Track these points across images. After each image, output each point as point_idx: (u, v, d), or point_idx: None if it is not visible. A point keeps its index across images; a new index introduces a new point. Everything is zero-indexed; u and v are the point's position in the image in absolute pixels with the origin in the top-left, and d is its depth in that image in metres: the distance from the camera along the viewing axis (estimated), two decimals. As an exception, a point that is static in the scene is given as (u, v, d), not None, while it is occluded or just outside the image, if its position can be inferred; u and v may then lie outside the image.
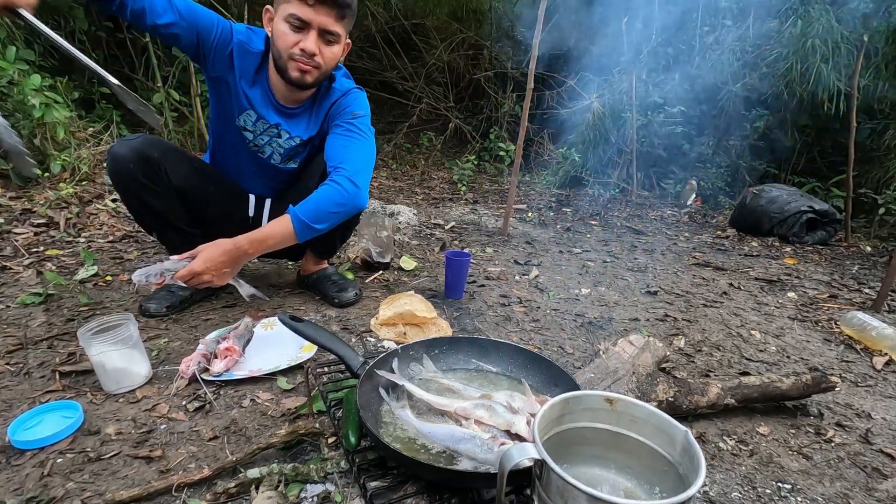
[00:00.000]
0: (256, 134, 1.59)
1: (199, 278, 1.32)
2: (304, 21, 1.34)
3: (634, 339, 1.35)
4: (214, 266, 1.33)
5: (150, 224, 1.60)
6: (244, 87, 1.51)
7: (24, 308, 1.60)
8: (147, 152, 1.44)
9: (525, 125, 2.78)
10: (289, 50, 1.37)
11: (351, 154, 1.50)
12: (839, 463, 1.16)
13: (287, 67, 1.41)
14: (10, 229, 2.20)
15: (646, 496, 0.80)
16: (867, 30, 3.51)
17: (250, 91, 1.52)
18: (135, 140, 1.46)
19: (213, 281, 1.35)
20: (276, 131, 1.59)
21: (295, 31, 1.35)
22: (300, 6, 1.32)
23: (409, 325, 1.56)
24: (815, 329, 1.93)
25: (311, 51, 1.37)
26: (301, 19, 1.33)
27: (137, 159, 1.43)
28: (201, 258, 1.32)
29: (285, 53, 1.38)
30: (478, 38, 5.57)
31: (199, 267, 1.31)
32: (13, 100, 2.49)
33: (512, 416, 0.95)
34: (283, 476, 0.94)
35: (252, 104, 1.53)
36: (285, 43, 1.37)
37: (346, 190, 1.43)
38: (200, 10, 1.42)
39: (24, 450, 1.01)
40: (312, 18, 1.34)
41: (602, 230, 3.31)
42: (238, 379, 1.28)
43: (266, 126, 1.57)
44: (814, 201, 3.35)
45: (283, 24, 1.35)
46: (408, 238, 2.72)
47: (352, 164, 1.47)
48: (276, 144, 1.62)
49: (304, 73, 1.41)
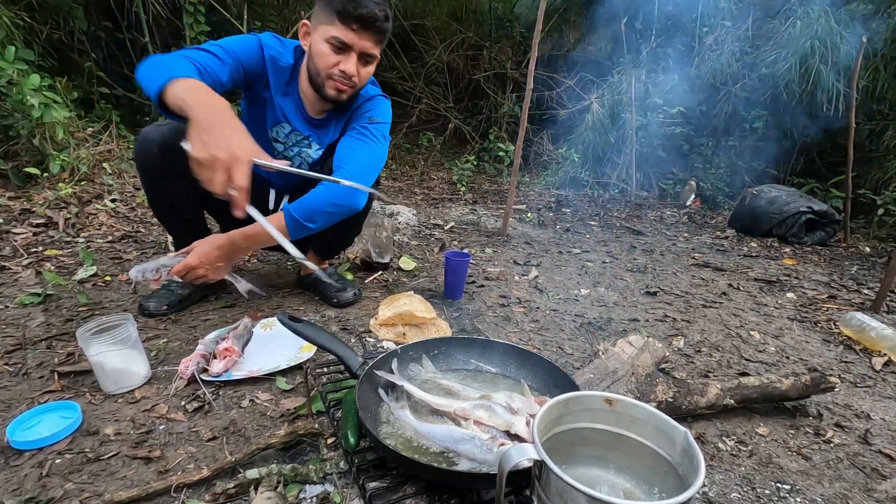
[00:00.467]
0: (287, 146, 1.62)
1: (193, 273, 1.35)
2: (346, 44, 1.37)
3: (634, 340, 1.35)
4: (208, 260, 1.36)
5: (163, 212, 1.59)
6: (279, 101, 1.54)
7: (23, 308, 1.60)
8: (173, 138, 1.44)
9: (524, 125, 2.78)
10: (328, 70, 1.40)
11: (357, 155, 1.51)
12: (838, 463, 1.16)
13: (324, 85, 1.44)
14: (8, 229, 2.20)
15: (645, 497, 0.80)
16: (866, 31, 3.51)
17: (284, 103, 1.55)
18: (165, 126, 1.47)
19: (208, 275, 1.37)
20: (306, 143, 1.62)
21: (336, 53, 1.38)
22: (344, 31, 1.34)
23: (408, 326, 1.56)
24: (814, 330, 1.93)
25: (350, 73, 1.41)
26: (344, 43, 1.36)
27: (162, 143, 1.44)
28: (195, 253, 1.35)
29: (324, 73, 1.41)
30: (477, 38, 5.58)
31: (194, 261, 1.33)
32: (12, 100, 2.49)
33: (511, 416, 0.94)
34: (283, 477, 0.94)
35: (287, 117, 1.56)
36: (325, 63, 1.40)
37: (342, 190, 1.43)
38: (237, 47, 1.43)
39: (22, 450, 1.01)
40: (355, 42, 1.37)
41: (601, 231, 3.31)
42: (237, 379, 1.28)
43: (298, 138, 1.61)
44: (813, 202, 3.36)
45: (324, 45, 1.37)
46: (407, 238, 2.72)
47: (355, 165, 1.48)
48: (304, 155, 1.65)
49: (341, 91, 1.45)
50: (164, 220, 1.64)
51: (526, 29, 5.46)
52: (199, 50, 1.34)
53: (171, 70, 1.17)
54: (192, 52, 1.33)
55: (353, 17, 1.32)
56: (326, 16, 1.35)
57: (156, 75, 1.17)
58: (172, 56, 1.27)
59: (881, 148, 3.81)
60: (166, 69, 1.18)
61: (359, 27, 1.34)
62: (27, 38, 2.92)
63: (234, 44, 1.42)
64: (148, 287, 1.69)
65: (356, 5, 1.31)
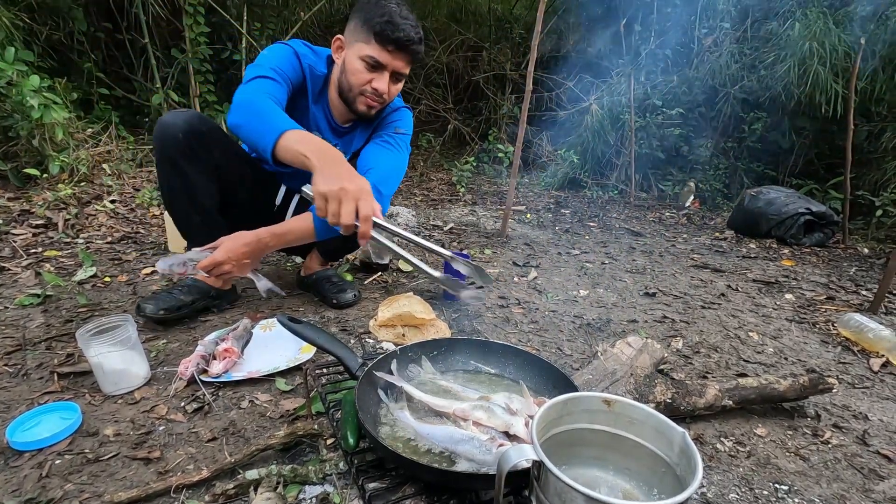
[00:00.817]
0: None
1: (220, 268, 1.35)
2: (380, 63, 1.40)
3: (632, 341, 1.35)
4: (235, 256, 1.36)
5: (181, 204, 1.57)
6: (313, 109, 1.56)
7: (23, 309, 1.60)
8: (196, 124, 1.47)
9: (524, 127, 2.78)
10: (361, 87, 1.44)
11: (381, 162, 1.56)
12: (836, 464, 1.16)
13: (356, 101, 1.47)
14: (8, 230, 2.20)
15: (643, 497, 0.80)
16: (865, 32, 3.53)
17: (317, 112, 1.58)
18: (184, 113, 1.48)
19: (234, 271, 1.38)
20: None
21: (369, 71, 1.41)
22: (380, 51, 1.37)
23: (407, 327, 1.56)
24: (812, 331, 1.94)
25: (382, 91, 1.44)
26: (379, 62, 1.39)
27: (187, 129, 1.44)
28: (223, 249, 1.35)
29: (357, 89, 1.45)
30: (477, 39, 5.59)
31: (221, 257, 1.34)
32: (12, 100, 2.49)
33: (510, 417, 0.95)
34: (282, 477, 0.94)
35: (318, 126, 1.59)
36: (359, 80, 1.43)
37: None
38: (282, 64, 1.44)
39: (22, 451, 1.01)
40: (389, 62, 1.40)
41: (600, 232, 3.32)
42: (237, 380, 1.28)
43: None
44: (811, 203, 3.36)
45: (358, 62, 1.40)
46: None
47: (380, 171, 1.53)
48: None
49: (371, 108, 1.49)
50: (179, 213, 1.60)
51: (525, 30, 5.47)
52: (263, 78, 1.37)
53: (269, 120, 1.23)
54: (263, 85, 1.35)
55: (390, 39, 1.35)
56: (363, 34, 1.38)
57: (260, 130, 1.22)
58: (257, 97, 1.30)
59: (879, 149, 3.82)
60: (266, 120, 1.22)
61: (394, 48, 1.38)
62: (27, 38, 2.92)
63: (278, 62, 1.43)
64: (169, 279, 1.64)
65: (394, 28, 1.34)
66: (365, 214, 1.02)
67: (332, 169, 1.07)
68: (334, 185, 1.02)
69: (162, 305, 1.55)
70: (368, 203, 1.03)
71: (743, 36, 4.22)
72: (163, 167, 1.51)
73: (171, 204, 1.58)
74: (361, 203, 1.02)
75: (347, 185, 1.03)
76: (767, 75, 4.01)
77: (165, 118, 1.47)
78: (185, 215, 1.59)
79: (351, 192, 1.02)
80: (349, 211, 1.01)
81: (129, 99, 3.81)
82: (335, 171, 1.06)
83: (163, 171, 1.52)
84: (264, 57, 1.45)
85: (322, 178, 1.04)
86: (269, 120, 1.24)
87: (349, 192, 1.02)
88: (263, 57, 1.45)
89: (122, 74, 3.87)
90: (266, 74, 1.39)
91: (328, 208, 1.03)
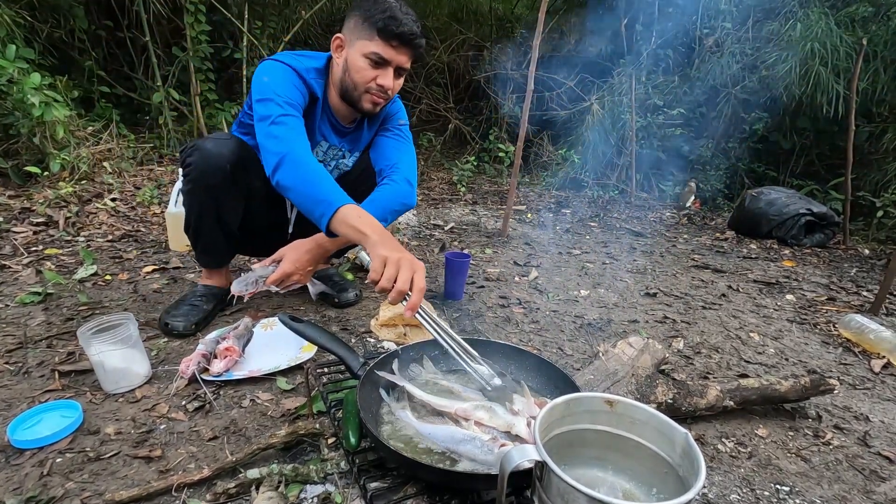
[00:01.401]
0: (326, 161, 1.63)
1: (290, 279, 1.41)
2: (385, 59, 1.38)
3: (634, 341, 1.35)
4: (302, 265, 1.42)
5: (210, 228, 1.53)
6: (318, 121, 1.54)
7: (24, 307, 1.60)
8: (243, 155, 1.45)
9: (525, 126, 2.78)
10: (367, 84, 1.41)
11: (403, 156, 1.59)
12: (837, 465, 1.16)
13: (361, 99, 1.45)
14: (9, 228, 2.20)
15: (644, 498, 0.80)
16: (866, 33, 3.52)
17: (322, 123, 1.55)
18: (229, 142, 1.44)
19: (302, 279, 1.44)
20: (341, 154, 1.65)
21: (374, 67, 1.39)
22: (384, 47, 1.36)
23: (408, 326, 1.56)
24: (813, 331, 1.94)
25: (388, 87, 1.42)
26: (383, 58, 1.37)
27: (235, 161, 1.43)
28: (289, 260, 1.40)
29: (363, 87, 1.42)
30: (478, 39, 5.58)
31: (290, 268, 1.39)
32: (13, 98, 2.49)
33: (512, 417, 0.95)
34: (283, 476, 0.94)
35: (324, 135, 1.58)
36: (364, 77, 1.40)
37: (404, 190, 1.54)
38: (291, 93, 1.38)
39: (23, 449, 1.01)
40: (393, 58, 1.38)
41: (601, 232, 3.31)
42: (238, 379, 1.28)
43: (335, 152, 1.63)
44: (812, 204, 3.36)
45: (361, 60, 1.38)
46: (407, 239, 2.72)
47: (406, 165, 1.57)
48: (341, 165, 1.68)
49: (377, 104, 1.47)
50: (206, 236, 1.55)
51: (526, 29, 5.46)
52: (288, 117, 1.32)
53: (323, 191, 1.21)
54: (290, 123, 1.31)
55: (394, 34, 1.33)
56: (365, 31, 1.36)
57: (314, 198, 1.21)
58: (307, 158, 1.27)
59: (880, 150, 3.82)
60: (320, 190, 1.21)
61: (398, 43, 1.36)
62: (28, 36, 2.92)
63: (287, 91, 1.37)
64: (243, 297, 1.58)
65: (398, 23, 1.33)
66: (420, 286, 1.03)
67: (391, 242, 1.10)
68: (396, 254, 1.04)
69: (192, 320, 1.52)
70: (422, 278, 1.05)
71: (744, 36, 4.21)
72: (198, 195, 1.46)
73: (198, 228, 1.53)
74: (418, 275, 1.04)
75: (409, 256, 1.06)
76: (769, 76, 4.01)
77: (209, 147, 1.42)
78: (211, 238, 1.56)
79: (409, 262, 1.04)
80: (406, 278, 1.02)
81: (130, 97, 3.81)
82: (395, 244, 1.09)
83: (197, 198, 1.47)
84: (271, 85, 1.36)
85: (383, 245, 1.07)
86: (322, 191, 1.22)
87: (408, 261, 1.04)
88: (269, 86, 1.36)
89: (123, 73, 3.86)
90: (288, 112, 1.33)
91: (385, 272, 1.03)
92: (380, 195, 1.49)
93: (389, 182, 1.52)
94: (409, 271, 1.03)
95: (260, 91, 1.35)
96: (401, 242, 2.47)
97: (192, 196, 1.47)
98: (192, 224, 1.53)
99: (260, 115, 1.33)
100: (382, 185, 1.52)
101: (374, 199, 1.48)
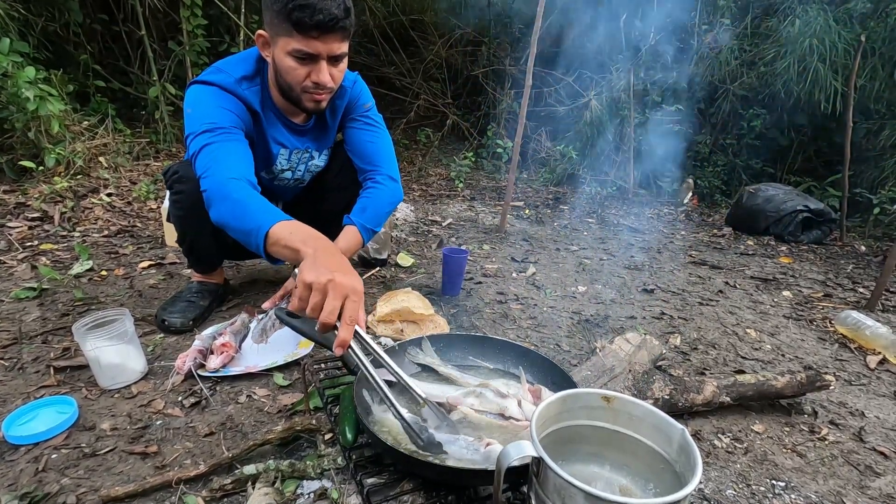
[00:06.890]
0: (294, 168, 1.57)
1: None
2: (311, 55, 1.23)
3: (631, 337, 1.35)
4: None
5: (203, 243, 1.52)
6: (269, 131, 1.43)
7: (19, 302, 1.59)
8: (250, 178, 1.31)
9: (523, 122, 2.77)
10: (301, 84, 1.28)
11: (380, 150, 1.56)
12: (833, 461, 1.17)
13: (301, 100, 1.32)
14: (4, 223, 2.19)
15: (641, 493, 0.80)
16: (865, 30, 3.52)
17: (271, 129, 1.44)
18: None
19: None
20: (308, 155, 1.58)
21: (304, 64, 1.25)
22: (305, 41, 1.19)
23: (406, 322, 1.56)
24: (809, 328, 1.94)
25: (325, 82, 1.28)
26: (309, 53, 1.22)
27: None
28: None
29: (298, 88, 1.29)
30: (476, 34, 5.55)
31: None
32: (7, 92, 2.47)
33: (502, 400, 0.95)
34: (280, 472, 0.94)
35: (282, 142, 1.48)
36: (296, 78, 1.27)
37: (390, 188, 1.53)
38: (228, 108, 1.29)
39: (18, 445, 1.01)
40: (321, 50, 1.22)
41: (599, 228, 3.31)
42: (234, 375, 1.27)
43: (301, 155, 1.56)
44: (809, 200, 3.37)
45: (288, 59, 1.24)
46: (405, 235, 2.72)
47: (385, 160, 1.55)
48: (312, 167, 1.63)
49: (319, 101, 1.34)
50: (199, 251, 1.55)
51: (524, 25, 5.44)
52: (208, 146, 1.21)
53: (250, 216, 1.09)
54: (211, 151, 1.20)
55: (310, 25, 1.16)
56: (282, 27, 1.19)
57: (245, 229, 1.09)
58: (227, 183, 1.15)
59: (878, 147, 3.81)
60: (248, 217, 1.09)
61: (319, 33, 1.19)
62: (22, 30, 2.89)
63: (213, 117, 1.25)
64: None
65: (312, 12, 1.15)
66: (350, 316, 0.85)
67: (325, 259, 0.90)
68: (323, 277, 0.85)
69: (189, 316, 1.51)
70: (356, 306, 0.86)
71: (743, 32, 4.21)
72: (190, 221, 1.44)
73: (193, 245, 1.52)
74: (348, 303, 0.85)
75: (339, 279, 0.85)
76: (767, 72, 4.00)
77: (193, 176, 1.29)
78: (205, 252, 1.57)
79: (339, 288, 0.85)
80: (333, 308, 0.84)
81: (126, 91, 3.78)
82: (328, 262, 0.89)
83: (190, 224, 1.45)
84: (194, 116, 1.26)
85: (311, 266, 0.88)
86: (249, 219, 1.09)
87: (338, 287, 0.85)
88: (192, 118, 1.26)
89: (119, 67, 3.83)
90: (207, 141, 1.21)
91: (311, 300, 0.85)
92: (368, 202, 1.47)
93: (374, 185, 1.50)
94: (337, 299, 0.84)
95: (186, 126, 1.26)
96: (393, 240, 2.46)
97: (185, 221, 1.48)
98: (185, 241, 1.53)
99: (188, 154, 1.25)
100: (368, 190, 1.49)
101: (363, 206, 1.46)
